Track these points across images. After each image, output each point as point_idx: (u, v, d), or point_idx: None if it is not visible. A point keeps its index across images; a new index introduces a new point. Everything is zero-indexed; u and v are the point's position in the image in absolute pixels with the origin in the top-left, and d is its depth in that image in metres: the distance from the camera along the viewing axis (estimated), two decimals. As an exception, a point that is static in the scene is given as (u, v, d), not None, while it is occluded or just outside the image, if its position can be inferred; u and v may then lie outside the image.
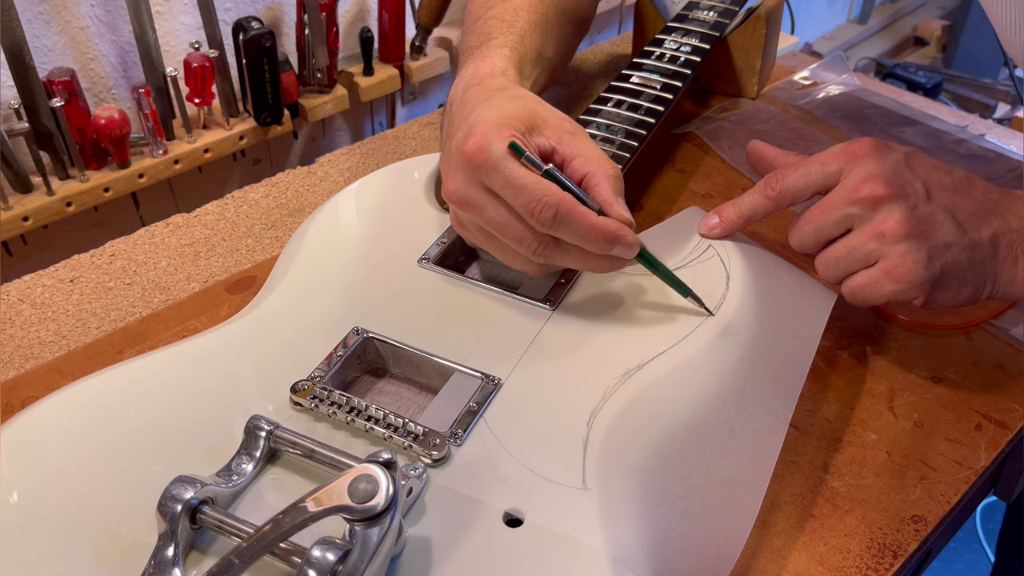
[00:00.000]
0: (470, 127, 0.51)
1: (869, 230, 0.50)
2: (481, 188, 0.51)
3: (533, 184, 0.49)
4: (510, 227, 0.51)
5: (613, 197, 0.51)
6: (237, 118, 0.97)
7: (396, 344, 0.51)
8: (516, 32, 0.64)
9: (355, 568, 0.36)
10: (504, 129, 0.51)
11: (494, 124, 0.51)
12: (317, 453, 0.44)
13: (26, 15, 0.82)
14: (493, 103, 0.53)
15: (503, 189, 0.50)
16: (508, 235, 0.51)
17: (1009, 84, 1.89)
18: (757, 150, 0.59)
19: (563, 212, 0.49)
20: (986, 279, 0.52)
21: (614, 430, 0.46)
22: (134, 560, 0.40)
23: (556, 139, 0.52)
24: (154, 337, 0.60)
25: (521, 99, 0.54)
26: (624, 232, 0.50)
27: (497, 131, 0.50)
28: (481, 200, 0.51)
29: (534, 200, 0.49)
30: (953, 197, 0.52)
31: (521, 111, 0.52)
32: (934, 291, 0.51)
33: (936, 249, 0.50)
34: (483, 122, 0.51)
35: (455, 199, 0.52)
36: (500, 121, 0.51)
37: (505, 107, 0.53)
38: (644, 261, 0.52)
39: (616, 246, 0.50)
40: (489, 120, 0.51)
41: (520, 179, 0.49)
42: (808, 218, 0.53)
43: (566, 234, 0.50)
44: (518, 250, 0.52)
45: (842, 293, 0.53)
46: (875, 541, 0.48)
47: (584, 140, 0.53)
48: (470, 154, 0.50)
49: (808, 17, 1.96)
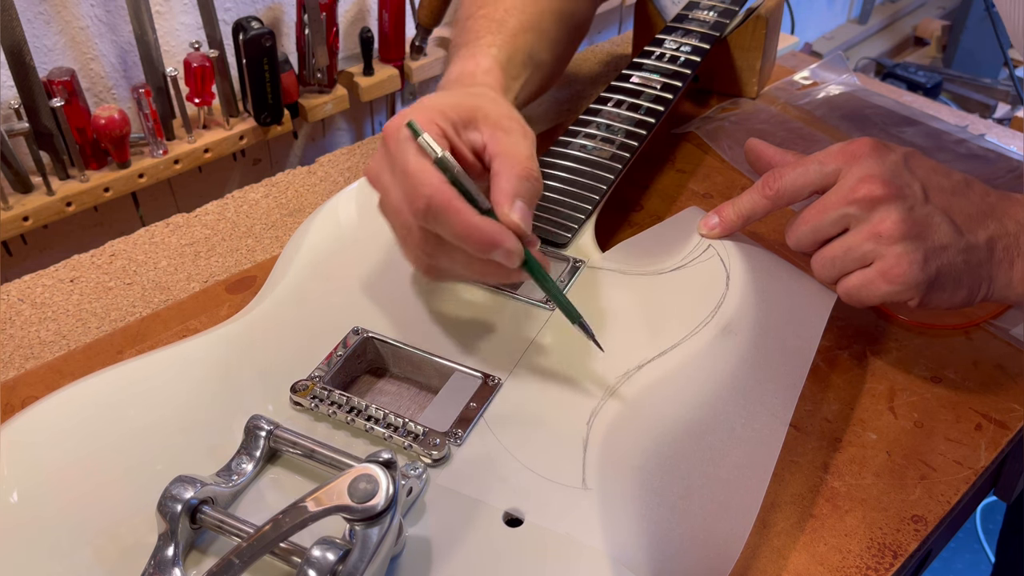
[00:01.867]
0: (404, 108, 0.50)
1: (866, 230, 0.50)
2: (389, 168, 0.48)
3: (416, 170, 0.46)
4: (401, 213, 0.48)
5: (507, 198, 0.47)
6: (237, 118, 0.97)
7: (396, 344, 0.51)
8: (506, 31, 0.63)
9: (355, 568, 0.36)
10: (429, 112, 0.48)
11: (423, 107, 0.49)
12: (317, 453, 0.44)
13: (26, 15, 0.82)
14: (443, 92, 0.52)
15: (395, 171, 0.47)
16: (399, 222, 0.48)
17: (1009, 84, 1.89)
18: (755, 148, 0.59)
19: (435, 205, 0.45)
20: (981, 282, 0.52)
21: (614, 430, 0.46)
22: (134, 560, 0.40)
23: (489, 135, 0.50)
24: (154, 337, 0.60)
25: (473, 95, 0.52)
26: (503, 237, 0.45)
27: (420, 112, 0.48)
28: (387, 182, 0.48)
29: (411, 188, 0.46)
30: (951, 199, 0.51)
31: (463, 103, 0.50)
32: (929, 293, 0.51)
33: (932, 251, 0.50)
34: (416, 105, 0.50)
35: (368, 176, 0.50)
36: (431, 106, 0.49)
37: (450, 97, 0.51)
38: (531, 272, 0.48)
39: (495, 251, 0.46)
40: (423, 103, 0.50)
41: (407, 164, 0.46)
42: (805, 217, 0.53)
43: (442, 230, 0.46)
44: (408, 240, 0.49)
45: (837, 293, 0.53)
46: (875, 541, 0.48)
47: (516, 139, 0.49)
48: (385, 131, 0.48)
49: (808, 17, 1.96)
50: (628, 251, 0.58)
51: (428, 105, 0.50)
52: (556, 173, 0.63)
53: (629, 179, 0.72)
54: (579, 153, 0.64)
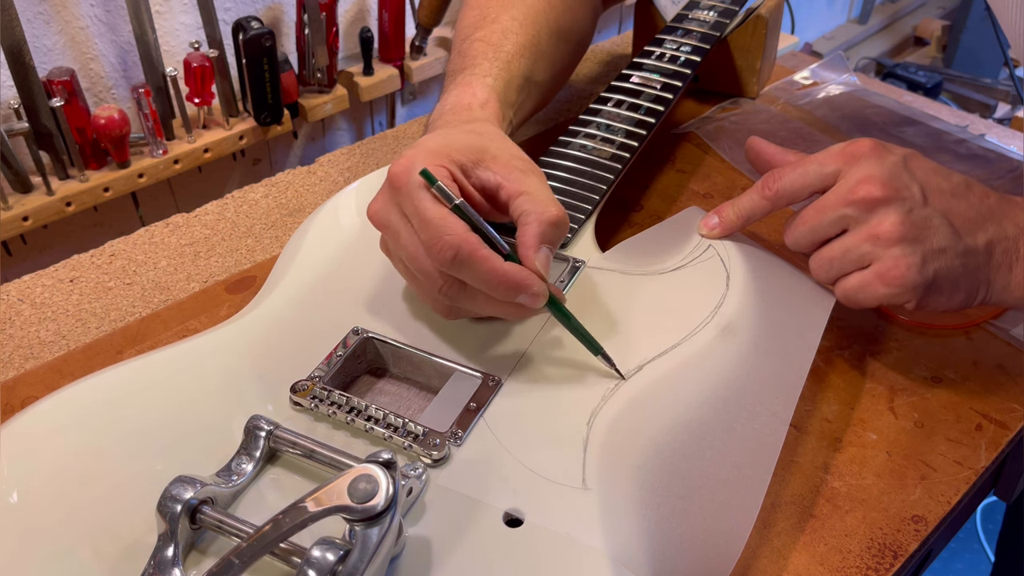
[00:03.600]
0: (408, 150, 0.49)
1: (864, 232, 0.50)
2: (399, 213, 0.48)
3: (438, 219, 0.46)
4: (419, 259, 0.48)
5: (534, 241, 0.47)
6: (237, 118, 0.97)
7: (396, 344, 0.51)
8: (502, 57, 0.62)
9: (355, 568, 0.36)
10: (438, 157, 0.48)
11: (429, 151, 0.49)
12: (317, 453, 0.44)
13: (26, 15, 0.82)
14: (445, 132, 0.52)
15: (412, 218, 0.47)
16: (417, 268, 0.48)
17: (1009, 84, 1.89)
18: (756, 147, 0.59)
19: (463, 255, 0.45)
20: (979, 285, 0.52)
21: (614, 430, 0.46)
22: (134, 560, 0.40)
23: (504, 175, 0.50)
24: (154, 337, 0.60)
25: (478, 134, 0.52)
26: (530, 281, 0.46)
27: (428, 158, 0.48)
28: (398, 226, 0.49)
29: (435, 237, 0.46)
30: (950, 201, 0.51)
31: (468, 143, 0.50)
32: (926, 295, 0.51)
33: (930, 253, 0.50)
34: (421, 147, 0.49)
35: (374, 219, 0.50)
36: (437, 149, 0.49)
37: (453, 137, 0.51)
38: (555, 312, 0.49)
39: (521, 295, 0.47)
40: (428, 146, 0.49)
41: (426, 212, 0.46)
42: (804, 218, 0.53)
43: (467, 277, 0.47)
44: (426, 285, 0.49)
45: (835, 294, 0.53)
46: (875, 541, 0.48)
47: (533, 179, 0.50)
48: (392, 175, 0.48)
49: (808, 17, 1.96)
50: (628, 251, 0.58)
51: (433, 149, 0.49)
52: (556, 173, 0.63)
53: (629, 179, 0.72)
54: (579, 153, 0.64)
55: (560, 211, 0.48)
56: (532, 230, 0.48)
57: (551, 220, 0.48)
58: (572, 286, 0.55)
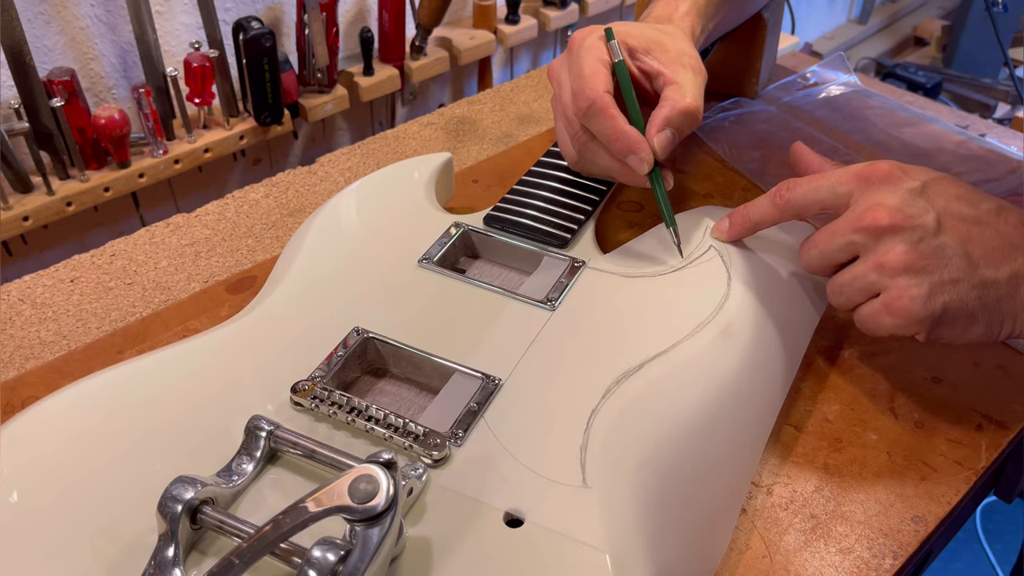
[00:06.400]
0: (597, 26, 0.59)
1: (871, 261, 0.49)
2: (567, 69, 0.57)
3: (588, 75, 0.55)
4: (567, 107, 0.57)
5: (662, 123, 0.55)
6: (237, 118, 0.97)
7: (396, 344, 0.51)
8: None
9: (355, 568, 0.36)
10: (620, 35, 0.57)
11: (617, 27, 0.58)
12: (317, 453, 0.44)
13: (26, 15, 0.82)
14: (632, 23, 0.60)
15: (571, 72, 0.56)
16: (562, 116, 0.58)
17: (1009, 84, 1.90)
18: (798, 153, 0.58)
19: (596, 108, 0.54)
20: (1004, 318, 0.49)
21: (614, 430, 0.46)
22: (134, 560, 0.40)
23: (667, 64, 0.57)
24: (154, 337, 0.60)
25: (659, 31, 0.60)
26: (642, 147, 0.55)
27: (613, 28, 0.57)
28: (562, 79, 0.58)
29: (580, 88, 0.55)
30: (971, 230, 0.49)
31: (647, 35, 0.59)
32: (936, 328, 0.48)
33: (938, 285, 0.47)
34: (614, 24, 0.59)
35: (550, 73, 0.60)
36: (620, 29, 0.58)
37: (635, 27, 0.59)
38: (653, 182, 0.57)
39: (631, 156, 0.55)
40: (618, 26, 0.58)
41: (583, 67, 0.55)
42: (815, 241, 0.52)
43: (595, 128, 0.55)
44: (566, 132, 0.58)
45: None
46: (875, 541, 0.48)
47: (689, 75, 0.57)
48: (571, 39, 0.58)
49: (808, 17, 1.96)
50: (629, 252, 0.58)
51: (616, 28, 0.58)
52: (557, 173, 0.63)
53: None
54: (579, 153, 0.64)
55: (695, 103, 0.56)
56: (664, 112, 0.56)
57: (682, 108, 0.55)
58: (573, 286, 0.55)
